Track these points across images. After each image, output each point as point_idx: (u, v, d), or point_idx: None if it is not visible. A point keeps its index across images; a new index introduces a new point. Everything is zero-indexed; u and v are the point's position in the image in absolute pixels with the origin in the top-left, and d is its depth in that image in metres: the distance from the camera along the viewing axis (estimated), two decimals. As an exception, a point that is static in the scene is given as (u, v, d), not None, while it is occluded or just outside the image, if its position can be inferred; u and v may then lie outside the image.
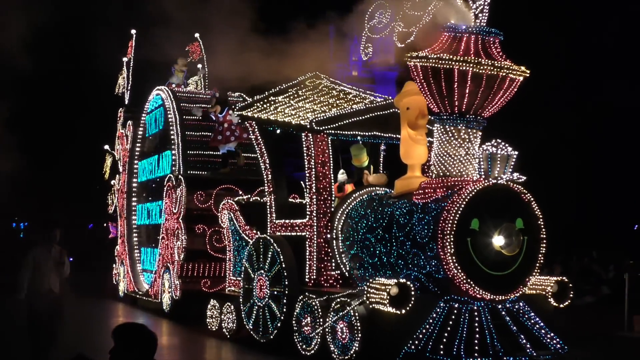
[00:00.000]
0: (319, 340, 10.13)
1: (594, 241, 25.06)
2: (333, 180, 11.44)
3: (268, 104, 11.96)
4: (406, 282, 8.97)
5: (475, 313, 8.95)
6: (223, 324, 12.74)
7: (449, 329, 8.81)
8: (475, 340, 8.71)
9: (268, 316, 11.32)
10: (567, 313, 10.34)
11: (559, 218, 18.36)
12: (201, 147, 16.58)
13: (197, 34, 21.09)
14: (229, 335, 12.58)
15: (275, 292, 11.22)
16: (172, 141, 16.62)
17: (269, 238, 11.55)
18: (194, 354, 12.19)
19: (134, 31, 21.03)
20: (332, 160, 11.29)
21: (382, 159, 12.87)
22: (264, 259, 11.56)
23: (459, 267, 8.87)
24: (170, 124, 16.88)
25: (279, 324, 11.04)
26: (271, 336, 11.20)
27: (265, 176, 12.22)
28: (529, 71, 9.50)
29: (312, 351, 10.29)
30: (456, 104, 9.51)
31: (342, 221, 10.91)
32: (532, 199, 9.26)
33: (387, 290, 8.85)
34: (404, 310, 8.84)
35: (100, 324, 14.76)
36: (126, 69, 21.44)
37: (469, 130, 9.64)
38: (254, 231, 12.47)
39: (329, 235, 11.02)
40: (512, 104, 9.91)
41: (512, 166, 9.09)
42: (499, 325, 8.97)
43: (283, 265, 11.09)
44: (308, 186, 11.21)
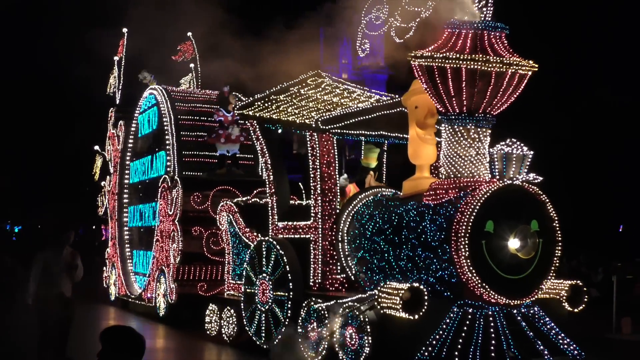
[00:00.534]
0: (326, 346, 9.80)
1: (582, 243, 24.94)
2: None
3: (269, 103, 11.64)
4: (419, 286, 8.66)
5: (490, 318, 8.66)
6: (223, 329, 12.39)
7: (463, 334, 8.52)
8: (492, 347, 8.43)
9: (271, 321, 10.98)
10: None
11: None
12: (196, 148, 16.25)
13: (190, 33, 20.78)
14: (228, 341, 12.22)
15: (279, 297, 10.88)
16: (167, 141, 16.25)
17: (272, 241, 11.22)
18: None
19: (125, 30, 20.66)
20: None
21: (385, 159, 12.61)
22: (266, 262, 11.23)
23: (473, 271, 8.57)
24: (164, 124, 16.51)
25: (283, 330, 10.71)
26: (275, 342, 10.86)
27: (266, 177, 11.89)
28: (537, 65, 9.22)
29: (319, 357, 9.95)
30: (464, 103, 9.22)
31: (348, 223, 10.59)
32: (548, 200, 9.00)
33: (400, 294, 8.54)
34: (416, 316, 8.53)
35: (91, 327, 14.32)
36: (117, 68, 21.04)
37: (479, 129, 9.35)
38: (255, 234, 12.14)
39: (334, 238, 10.70)
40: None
41: (528, 166, 8.82)
42: (514, 331, 8.69)
43: (287, 268, 10.76)
44: (312, 187, 10.89)
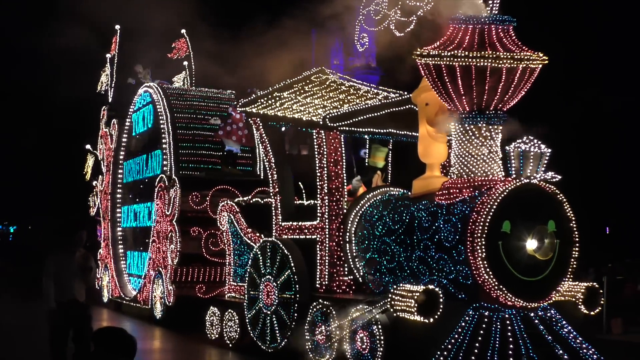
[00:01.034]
0: (335, 350, 9.50)
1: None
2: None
3: (273, 100, 11.33)
4: (434, 289, 8.37)
5: (507, 322, 8.39)
6: (224, 332, 12.06)
7: (480, 338, 8.24)
8: (510, 352, 8.16)
9: (276, 324, 10.68)
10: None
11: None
12: (193, 147, 15.91)
13: (184, 30, 20.48)
14: (230, 344, 11.90)
15: (284, 299, 10.57)
16: (163, 140, 15.90)
17: (277, 241, 10.91)
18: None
19: (118, 27, 20.32)
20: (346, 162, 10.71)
21: (391, 158, 12.35)
22: (271, 263, 10.92)
23: (490, 273, 8.29)
24: (160, 122, 16.16)
25: (289, 333, 10.41)
26: (280, 345, 10.56)
27: (270, 176, 11.57)
28: (547, 57, 8.96)
29: (327, 362, 9.67)
30: (475, 101, 8.96)
31: (356, 223, 10.29)
32: (565, 199, 8.74)
33: (415, 297, 8.25)
34: (431, 319, 8.25)
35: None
36: (110, 66, 20.67)
37: (490, 127, 9.07)
38: (257, 234, 11.83)
39: (341, 239, 10.40)
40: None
41: (545, 165, 8.56)
42: (532, 335, 8.42)
43: (294, 270, 10.45)
44: (319, 186, 10.58)
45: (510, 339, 8.25)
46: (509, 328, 8.35)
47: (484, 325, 8.32)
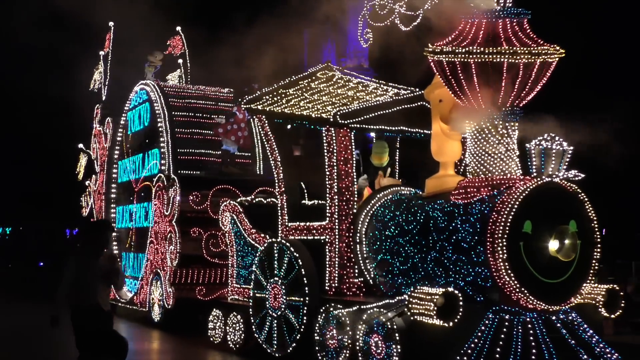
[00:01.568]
0: (348, 355, 9.18)
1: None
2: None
3: (278, 97, 11.01)
4: (454, 292, 8.05)
5: (529, 325, 8.11)
6: (228, 336, 11.70)
7: (500, 343, 7.95)
8: (532, 356, 7.87)
9: (284, 328, 10.34)
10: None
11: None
12: (192, 145, 15.54)
13: (179, 27, 20.11)
14: (234, 348, 11.54)
15: (293, 302, 10.24)
16: (161, 139, 15.53)
17: (284, 242, 10.57)
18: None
19: (112, 23, 19.94)
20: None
21: (398, 156, 12.03)
22: (278, 265, 10.58)
23: (511, 274, 7.99)
24: (158, 120, 15.78)
25: (297, 337, 10.07)
26: (288, 350, 10.22)
27: (275, 175, 11.23)
28: (563, 50, 8.68)
29: (339, 367, 9.34)
30: (491, 98, 8.66)
31: (367, 224, 9.97)
32: (587, 199, 8.46)
33: (434, 300, 7.93)
34: (451, 323, 7.93)
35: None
36: (103, 63, 20.28)
37: (507, 124, 8.79)
38: (262, 235, 11.49)
39: (351, 239, 10.07)
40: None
41: (567, 163, 8.28)
42: (554, 339, 8.13)
43: (302, 272, 10.11)
44: (328, 186, 10.24)
45: (533, 344, 7.97)
46: (531, 332, 8.07)
47: (504, 329, 8.04)
